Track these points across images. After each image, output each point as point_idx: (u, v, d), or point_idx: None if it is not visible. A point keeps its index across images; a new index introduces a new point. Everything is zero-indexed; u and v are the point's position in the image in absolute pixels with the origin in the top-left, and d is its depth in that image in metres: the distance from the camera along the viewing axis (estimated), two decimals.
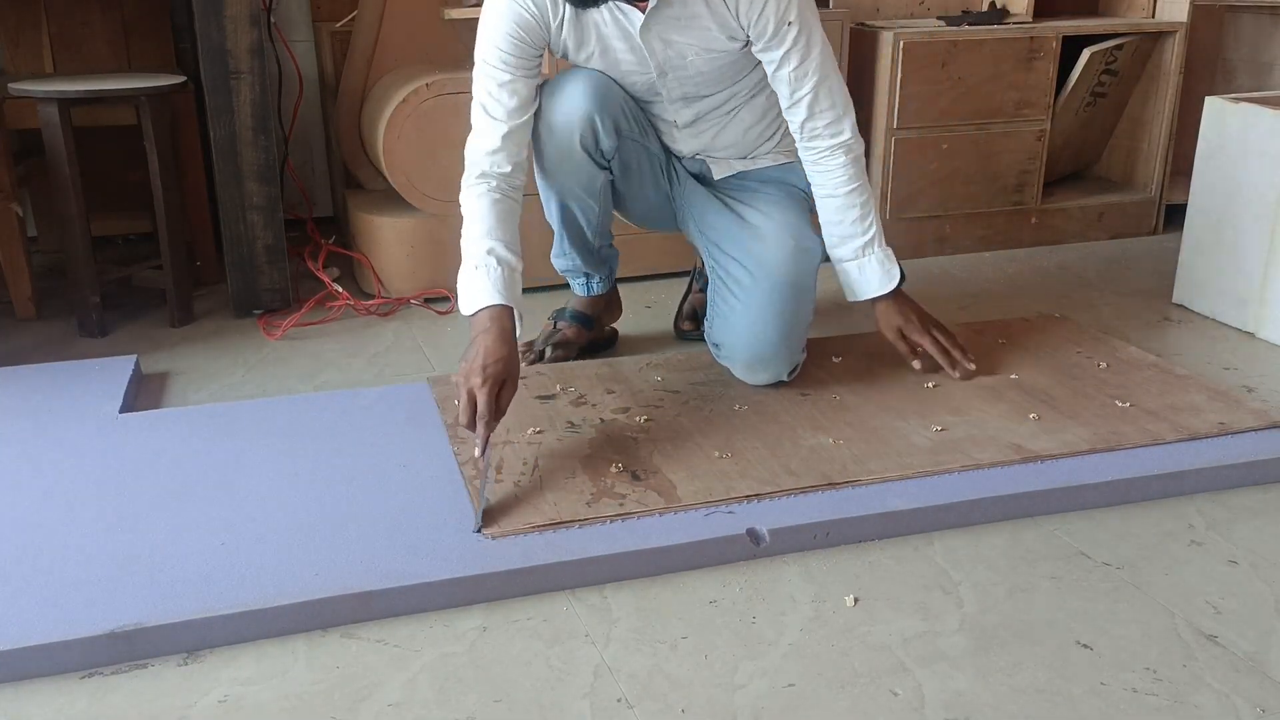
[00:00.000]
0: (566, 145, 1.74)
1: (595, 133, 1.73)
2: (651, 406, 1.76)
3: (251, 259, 2.30)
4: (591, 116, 1.71)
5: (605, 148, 1.76)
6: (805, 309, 1.79)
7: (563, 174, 1.78)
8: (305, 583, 1.29)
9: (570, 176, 1.78)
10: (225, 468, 1.58)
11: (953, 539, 1.45)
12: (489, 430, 1.48)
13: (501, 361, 1.52)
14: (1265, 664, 1.20)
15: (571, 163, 1.76)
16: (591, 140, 1.74)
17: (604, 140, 1.75)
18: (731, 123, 1.87)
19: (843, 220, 1.80)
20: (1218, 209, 2.27)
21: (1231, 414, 1.73)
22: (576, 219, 1.86)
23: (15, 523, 1.43)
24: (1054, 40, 2.68)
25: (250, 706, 1.14)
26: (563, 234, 1.91)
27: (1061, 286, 2.52)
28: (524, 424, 1.69)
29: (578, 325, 2.03)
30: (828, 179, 1.79)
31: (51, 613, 1.23)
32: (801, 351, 1.84)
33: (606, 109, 1.73)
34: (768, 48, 1.71)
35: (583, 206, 1.84)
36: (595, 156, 1.76)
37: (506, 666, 1.20)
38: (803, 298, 1.77)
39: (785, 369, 1.80)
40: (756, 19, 1.68)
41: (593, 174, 1.79)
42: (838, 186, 1.79)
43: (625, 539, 1.38)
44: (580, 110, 1.71)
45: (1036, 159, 2.78)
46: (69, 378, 1.90)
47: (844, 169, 1.78)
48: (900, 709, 1.13)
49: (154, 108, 2.19)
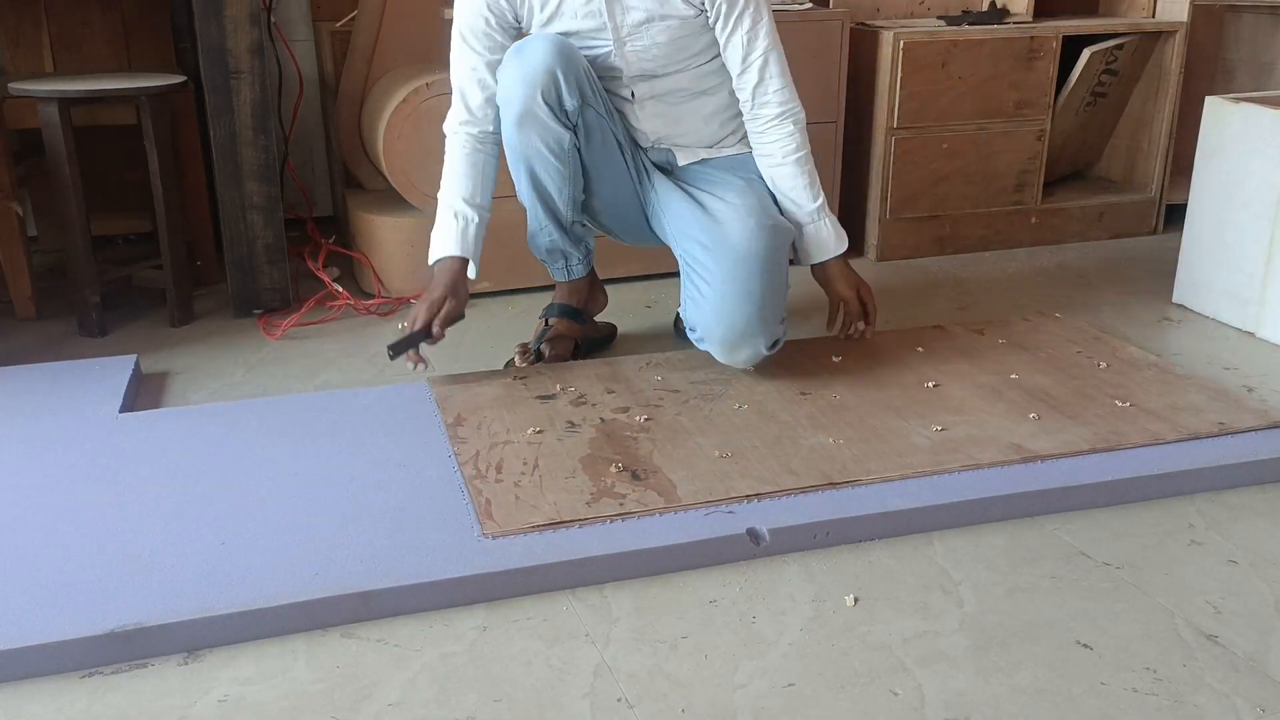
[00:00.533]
0: (529, 98, 1.76)
1: (557, 86, 1.75)
2: (651, 406, 1.76)
3: (251, 259, 2.30)
4: (553, 70, 1.74)
5: (568, 106, 1.77)
6: (775, 283, 1.80)
7: (526, 130, 1.79)
8: (305, 582, 1.29)
9: (534, 133, 1.79)
10: (225, 467, 1.58)
11: (953, 539, 1.45)
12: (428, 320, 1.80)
13: (446, 292, 1.83)
14: (1265, 664, 1.20)
15: (535, 118, 1.77)
16: (554, 93, 1.76)
17: (566, 97, 1.76)
18: (692, 107, 1.91)
19: (794, 187, 1.89)
20: (1218, 209, 2.27)
21: (1231, 414, 1.73)
22: (545, 186, 1.85)
23: (16, 522, 1.43)
24: (1054, 40, 2.68)
25: (250, 706, 1.14)
26: (535, 205, 1.90)
27: (1061, 286, 2.52)
28: (524, 424, 1.69)
29: (566, 319, 2.02)
30: (776, 148, 1.87)
31: (52, 612, 1.23)
32: (780, 324, 1.84)
33: (570, 66, 1.76)
34: (722, 13, 1.81)
35: (549, 169, 1.83)
36: (559, 113, 1.78)
37: (506, 666, 1.20)
38: (770, 271, 1.78)
39: (763, 344, 1.80)
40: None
41: (558, 133, 1.79)
42: (787, 155, 1.87)
43: (625, 539, 1.38)
44: (542, 64, 1.75)
45: (1036, 159, 2.78)
46: (69, 377, 1.90)
47: (791, 137, 1.87)
48: (900, 709, 1.13)
49: (154, 107, 2.19)
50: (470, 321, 2.27)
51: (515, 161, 1.86)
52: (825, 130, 2.60)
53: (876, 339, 2.02)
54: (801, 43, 2.50)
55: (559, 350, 1.99)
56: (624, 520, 1.42)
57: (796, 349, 1.98)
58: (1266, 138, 2.14)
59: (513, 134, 1.81)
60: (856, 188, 2.76)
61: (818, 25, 2.52)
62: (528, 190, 1.88)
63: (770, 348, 1.82)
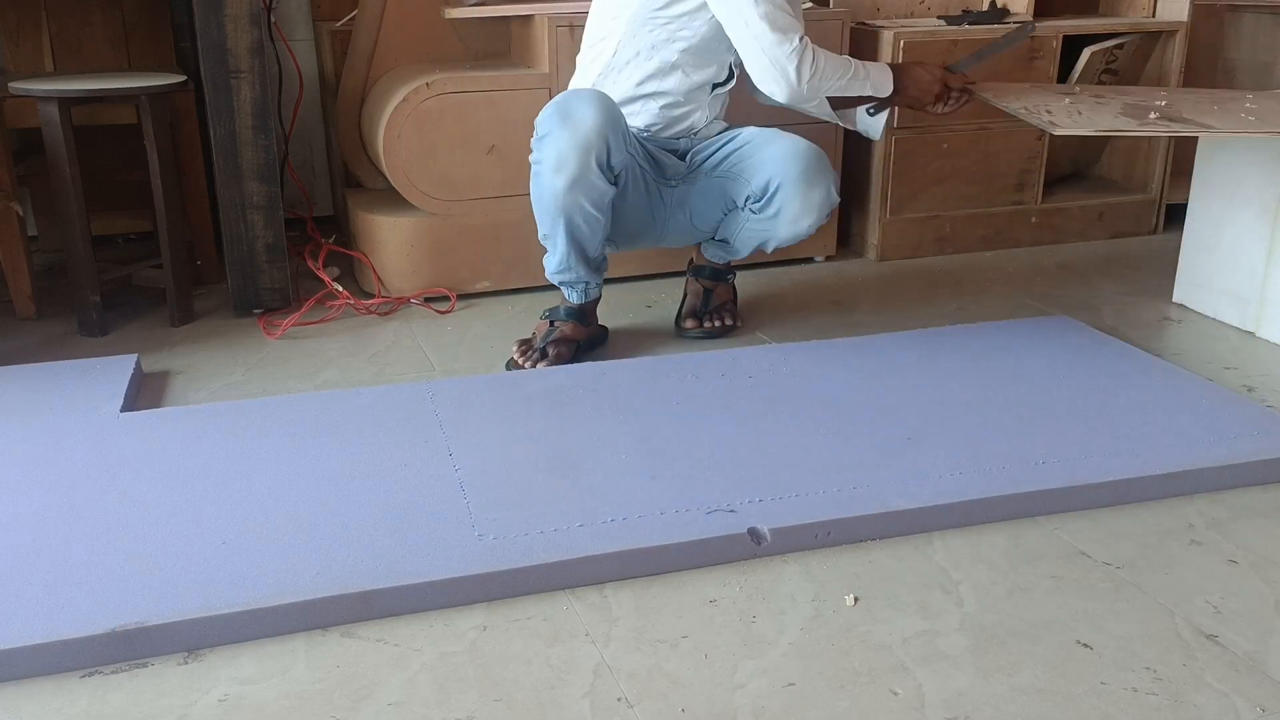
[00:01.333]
0: (584, 163, 1.81)
1: (609, 148, 1.82)
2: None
3: (252, 258, 2.30)
4: (605, 132, 1.81)
5: (616, 164, 1.85)
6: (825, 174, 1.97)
7: (576, 192, 1.84)
8: (305, 582, 1.29)
9: (584, 194, 1.84)
10: (226, 467, 1.58)
11: (953, 538, 1.45)
12: None
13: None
14: (1265, 663, 1.20)
15: (587, 181, 1.83)
16: (605, 156, 1.82)
17: (614, 155, 1.84)
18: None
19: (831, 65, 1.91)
20: (1218, 208, 2.27)
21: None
22: (583, 234, 1.91)
23: (16, 521, 1.43)
24: (1054, 39, 2.68)
25: (250, 706, 1.14)
26: (569, 251, 1.94)
27: (1062, 286, 2.52)
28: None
29: (574, 322, 2.03)
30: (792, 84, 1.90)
31: (52, 611, 1.23)
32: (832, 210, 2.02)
33: (616, 125, 1.83)
34: None
35: (590, 222, 1.88)
36: (607, 173, 1.84)
37: (506, 665, 1.20)
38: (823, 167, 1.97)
39: (833, 183, 1.98)
40: None
41: (604, 190, 1.86)
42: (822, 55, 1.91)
43: (625, 538, 1.38)
44: (594, 127, 1.80)
45: (1037, 158, 2.78)
46: (70, 377, 1.90)
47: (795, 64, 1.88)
48: (900, 708, 1.13)
49: (154, 107, 2.19)
50: (469, 322, 2.28)
51: (554, 214, 1.88)
52: (826, 130, 2.60)
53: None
54: None
55: (562, 351, 2.00)
56: (623, 520, 1.42)
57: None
58: (1267, 137, 2.13)
59: (561, 194, 1.84)
60: (857, 187, 2.76)
61: (818, 25, 2.52)
62: (563, 239, 1.92)
63: (824, 223, 2.00)
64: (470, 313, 2.33)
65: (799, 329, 2.23)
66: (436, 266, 2.37)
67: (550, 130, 1.84)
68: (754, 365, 1.92)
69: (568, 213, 1.87)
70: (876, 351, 1.99)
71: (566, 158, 1.81)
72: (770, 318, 2.29)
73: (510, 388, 1.85)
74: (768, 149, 1.98)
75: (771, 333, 2.20)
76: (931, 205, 2.72)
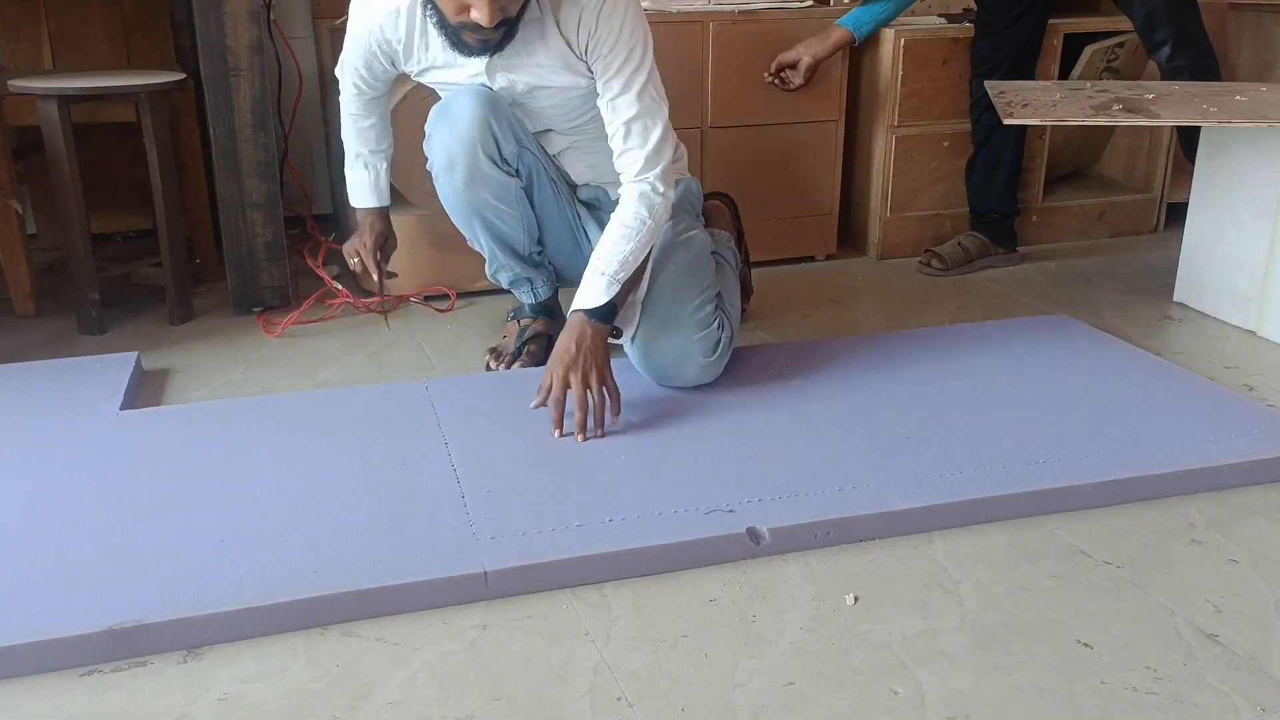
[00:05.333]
0: (471, 155, 1.75)
1: (495, 136, 1.75)
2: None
3: (251, 256, 2.30)
4: (486, 120, 1.74)
5: (508, 152, 1.77)
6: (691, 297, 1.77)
7: (476, 188, 1.78)
8: (305, 580, 1.28)
9: (484, 189, 1.78)
10: (225, 465, 1.57)
11: (953, 538, 1.45)
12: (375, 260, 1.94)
13: (380, 231, 1.99)
14: (1265, 663, 1.20)
15: (481, 174, 1.77)
16: (493, 144, 1.75)
17: (504, 144, 1.76)
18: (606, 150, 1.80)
19: (606, 245, 1.69)
20: (1219, 207, 2.26)
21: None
22: (501, 231, 1.85)
23: (16, 519, 1.43)
24: (1055, 38, 2.68)
25: (250, 704, 1.14)
26: (493, 249, 1.90)
27: (1062, 285, 2.52)
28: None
29: (542, 318, 2.01)
30: (620, 208, 1.72)
31: (51, 610, 1.23)
32: (716, 329, 1.79)
33: (499, 112, 1.75)
34: (598, 72, 1.72)
35: (502, 216, 1.83)
36: (501, 163, 1.77)
37: (506, 665, 1.20)
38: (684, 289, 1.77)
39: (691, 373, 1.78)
40: (589, 42, 1.69)
41: (504, 182, 1.79)
42: (620, 219, 1.71)
43: (624, 538, 1.38)
44: (474, 117, 1.73)
45: (1038, 157, 2.77)
46: (70, 375, 1.90)
47: (631, 207, 1.70)
48: (900, 708, 1.13)
49: (154, 105, 2.18)
50: (469, 321, 2.28)
51: (467, 217, 1.85)
52: (826, 129, 2.60)
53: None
54: (802, 41, 2.49)
55: (535, 350, 1.99)
56: (623, 519, 1.42)
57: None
58: (1268, 136, 2.13)
59: (460, 193, 1.80)
60: (858, 186, 2.76)
61: (818, 24, 2.52)
62: (483, 239, 1.88)
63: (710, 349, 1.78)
64: (470, 312, 2.33)
65: (799, 328, 2.23)
66: (436, 265, 2.36)
67: (433, 130, 1.79)
68: (753, 364, 1.92)
69: (477, 211, 1.82)
70: (876, 351, 1.99)
71: (454, 155, 1.76)
72: (770, 316, 2.29)
73: (510, 387, 1.85)
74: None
75: (771, 331, 2.20)
76: (933, 203, 2.72)
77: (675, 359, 1.78)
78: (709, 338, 1.78)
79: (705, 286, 1.81)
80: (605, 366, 1.67)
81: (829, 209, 2.67)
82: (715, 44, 2.45)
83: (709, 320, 1.79)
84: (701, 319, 1.78)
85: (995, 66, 2.48)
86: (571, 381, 1.64)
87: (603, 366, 1.66)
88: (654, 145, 1.71)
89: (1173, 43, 2.34)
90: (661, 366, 1.79)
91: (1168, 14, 2.34)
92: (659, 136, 1.71)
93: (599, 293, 1.67)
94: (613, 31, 1.67)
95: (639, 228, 1.69)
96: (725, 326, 1.83)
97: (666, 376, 1.79)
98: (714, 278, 1.86)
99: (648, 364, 1.79)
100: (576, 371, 1.64)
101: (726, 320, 1.84)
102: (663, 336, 1.76)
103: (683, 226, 1.83)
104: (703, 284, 1.81)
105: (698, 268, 1.81)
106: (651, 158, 1.71)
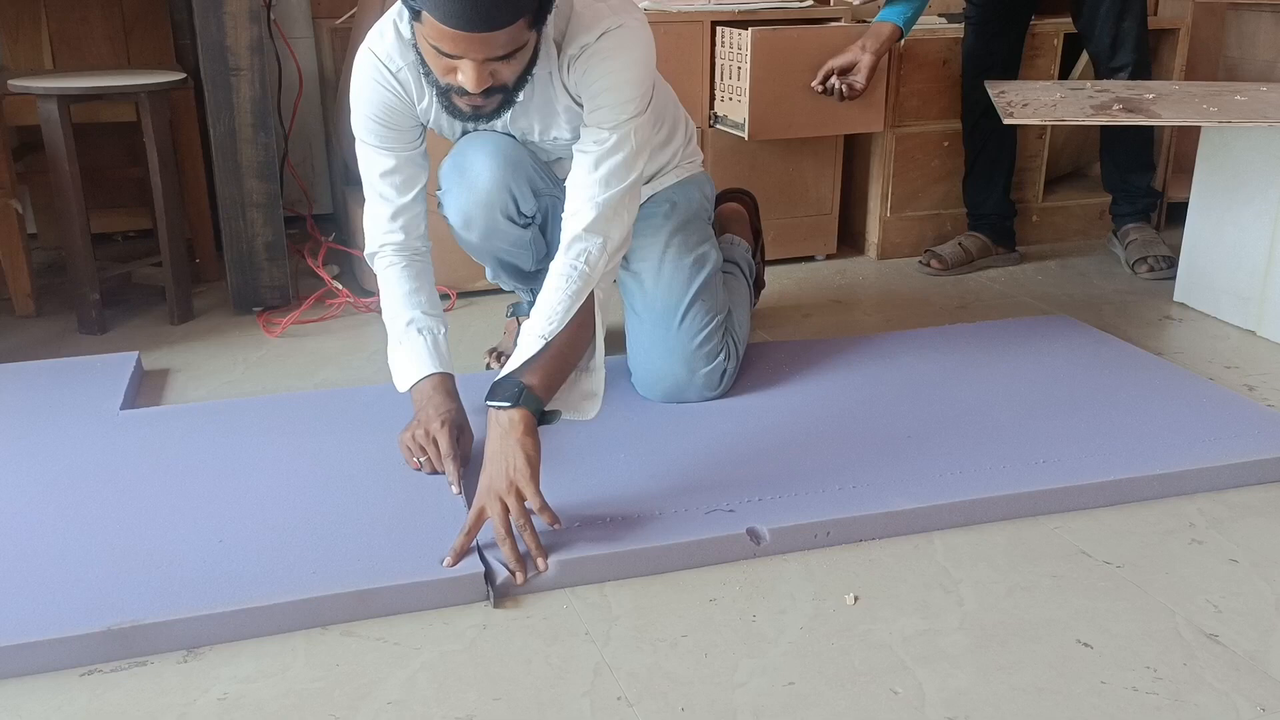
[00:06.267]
0: (489, 220, 1.69)
1: (514, 200, 1.68)
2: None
3: (251, 256, 2.30)
4: (506, 184, 1.66)
5: (526, 210, 1.71)
6: (700, 324, 1.76)
7: (491, 241, 1.73)
8: (305, 580, 1.28)
9: (500, 242, 1.74)
10: (225, 465, 1.57)
11: (953, 537, 1.45)
12: (457, 466, 1.49)
13: (453, 411, 1.57)
14: (1265, 663, 1.20)
15: (497, 233, 1.72)
16: (513, 208, 1.69)
17: (524, 204, 1.69)
18: None
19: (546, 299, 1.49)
20: (1219, 207, 2.26)
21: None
22: (514, 264, 1.82)
23: (15, 519, 1.43)
24: (1055, 38, 2.68)
25: (250, 704, 1.14)
26: (500, 275, 1.88)
27: (1063, 284, 2.52)
28: None
29: None
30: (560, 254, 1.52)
31: (51, 610, 1.23)
32: (723, 358, 1.78)
33: (518, 172, 1.66)
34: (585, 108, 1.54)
35: (517, 256, 1.79)
36: (519, 221, 1.72)
37: (506, 664, 1.20)
38: (693, 315, 1.75)
39: (694, 394, 1.77)
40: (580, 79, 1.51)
41: (519, 235, 1.74)
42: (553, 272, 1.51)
43: (625, 537, 1.38)
44: (492, 181, 1.65)
45: (1038, 157, 2.78)
46: (70, 375, 1.90)
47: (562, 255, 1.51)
48: (900, 707, 1.13)
49: (154, 104, 2.19)
50: (469, 320, 2.28)
51: (479, 256, 1.81)
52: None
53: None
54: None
55: None
56: (624, 519, 1.42)
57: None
58: (1268, 136, 2.13)
59: (477, 246, 1.75)
60: (858, 185, 2.76)
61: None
62: (495, 271, 1.86)
63: (714, 383, 1.77)
64: (470, 311, 2.33)
65: (799, 327, 2.23)
66: (436, 264, 2.35)
67: (448, 188, 1.70)
68: (754, 364, 1.92)
69: (492, 254, 1.78)
70: (876, 351, 1.99)
71: (472, 217, 1.69)
72: (770, 316, 2.29)
73: None
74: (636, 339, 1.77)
75: (771, 331, 2.20)
76: (933, 203, 2.72)
77: (678, 388, 1.77)
78: (714, 371, 1.77)
79: (714, 314, 1.79)
80: (534, 471, 1.36)
81: (829, 209, 2.67)
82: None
83: (715, 353, 1.78)
84: (708, 352, 1.77)
85: (989, 67, 2.49)
86: (493, 516, 1.34)
87: (533, 475, 1.36)
88: (605, 173, 1.51)
89: (1131, 70, 2.42)
90: (662, 392, 1.78)
91: (1133, 41, 2.42)
92: (617, 164, 1.51)
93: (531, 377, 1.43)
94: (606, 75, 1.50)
95: (574, 277, 1.49)
96: (732, 355, 1.81)
97: (666, 399, 1.78)
98: (723, 299, 1.83)
99: (648, 388, 1.79)
100: (495, 504, 1.34)
101: (734, 348, 1.82)
102: (666, 365, 1.75)
103: (694, 241, 1.79)
104: (712, 313, 1.78)
105: (707, 291, 1.78)
106: (606, 231, 1.51)
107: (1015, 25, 2.54)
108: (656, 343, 1.76)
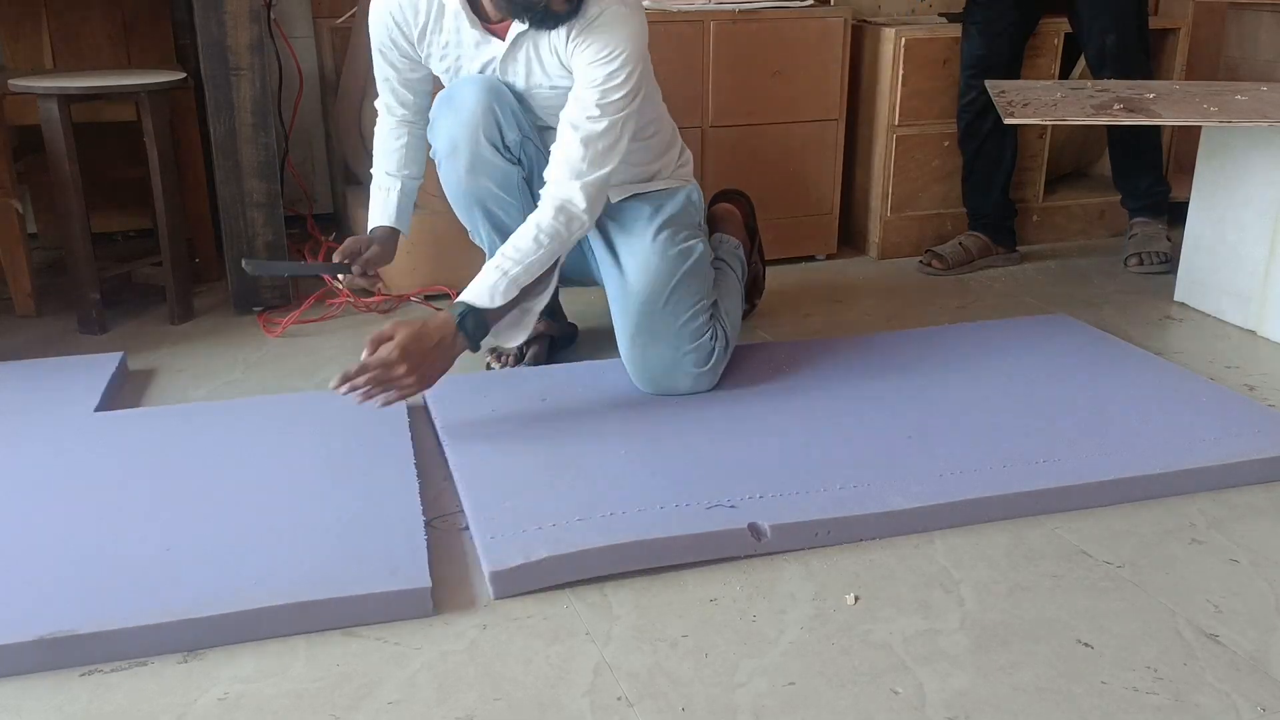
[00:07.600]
0: (473, 141, 1.73)
1: (497, 122, 1.73)
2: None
3: (251, 256, 2.29)
4: (490, 106, 1.72)
5: (510, 140, 1.75)
6: (684, 310, 1.78)
7: (478, 175, 1.76)
8: (305, 581, 1.28)
9: (485, 176, 1.76)
10: (225, 465, 1.57)
11: (954, 537, 1.45)
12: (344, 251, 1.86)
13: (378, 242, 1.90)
14: (1266, 663, 1.20)
15: (483, 160, 1.75)
16: (495, 130, 1.73)
17: (507, 131, 1.74)
18: None
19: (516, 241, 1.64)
20: (1220, 207, 2.26)
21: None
22: (503, 222, 1.82)
23: (16, 519, 1.43)
24: (1055, 37, 2.68)
25: (250, 704, 1.14)
26: (495, 244, 1.84)
27: (1063, 284, 2.52)
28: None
29: (545, 319, 1.99)
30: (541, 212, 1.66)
31: (51, 609, 1.22)
32: (710, 339, 1.80)
33: (503, 101, 1.73)
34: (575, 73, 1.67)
35: (503, 205, 1.80)
36: (503, 150, 1.75)
37: (506, 665, 1.20)
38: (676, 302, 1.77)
39: (682, 383, 1.78)
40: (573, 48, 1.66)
41: (506, 170, 1.77)
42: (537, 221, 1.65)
43: (625, 532, 1.38)
44: (477, 104, 1.72)
45: (1038, 157, 2.78)
46: (52, 375, 1.88)
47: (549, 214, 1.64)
48: (901, 707, 1.13)
49: (154, 104, 2.18)
50: None
51: (469, 207, 1.82)
52: (826, 128, 2.60)
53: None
54: (802, 40, 2.50)
55: (538, 350, 1.98)
56: (624, 513, 1.42)
57: None
58: (1268, 136, 2.13)
59: (463, 180, 1.78)
60: (858, 185, 2.76)
61: (819, 23, 2.52)
62: (484, 230, 1.85)
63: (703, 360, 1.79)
64: None
65: (799, 328, 2.23)
66: (436, 264, 2.36)
67: (437, 116, 1.78)
68: (754, 363, 1.92)
69: (479, 200, 1.80)
70: (877, 350, 1.99)
71: (457, 140, 1.74)
72: (770, 316, 2.29)
73: (509, 385, 1.85)
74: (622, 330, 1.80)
75: (771, 331, 2.20)
76: (933, 202, 2.72)
77: (666, 370, 1.78)
78: (701, 349, 1.79)
79: (700, 298, 1.81)
80: (434, 380, 1.60)
81: (829, 208, 2.67)
82: (715, 44, 2.45)
83: (702, 330, 1.79)
84: (694, 329, 1.78)
85: (990, 68, 2.49)
86: (396, 363, 1.54)
87: (432, 379, 1.59)
88: (594, 154, 1.64)
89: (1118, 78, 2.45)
90: (652, 378, 1.79)
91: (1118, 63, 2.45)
92: (604, 148, 1.64)
93: (494, 293, 1.61)
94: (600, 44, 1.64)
95: (553, 236, 1.64)
96: (719, 336, 1.82)
97: (659, 387, 1.79)
98: (710, 288, 1.86)
99: (639, 375, 1.80)
100: (407, 364, 1.54)
101: (721, 330, 1.83)
102: (653, 348, 1.77)
103: (681, 236, 1.82)
104: (697, 296, 1.80)
105: (693, 278, 1.80)
106: (581, 178, 1.64)
107: (1022, 28, 2.54)
108: (643, 328, 1.77)
